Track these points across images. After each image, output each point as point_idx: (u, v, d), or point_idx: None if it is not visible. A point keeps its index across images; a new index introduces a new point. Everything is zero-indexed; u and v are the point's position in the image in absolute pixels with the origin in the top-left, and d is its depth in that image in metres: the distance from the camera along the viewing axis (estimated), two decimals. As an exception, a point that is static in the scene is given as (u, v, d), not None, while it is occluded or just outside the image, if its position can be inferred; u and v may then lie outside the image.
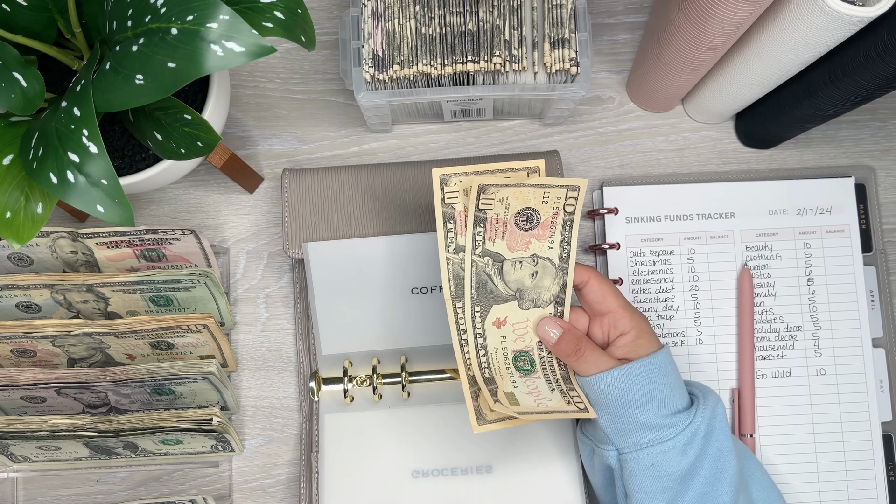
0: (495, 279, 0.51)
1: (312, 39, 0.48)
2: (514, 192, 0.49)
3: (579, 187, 0.50)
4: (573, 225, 0.51)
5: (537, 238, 0.51)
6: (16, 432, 0.56)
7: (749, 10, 0.48)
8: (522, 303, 0.52)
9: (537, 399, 0.51)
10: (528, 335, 0.52)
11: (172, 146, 0.49)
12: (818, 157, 0.68)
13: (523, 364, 0.52)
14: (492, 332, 0.51)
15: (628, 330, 0.52)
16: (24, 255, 0.59)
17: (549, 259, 0.52)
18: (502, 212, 0.49)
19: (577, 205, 0.50)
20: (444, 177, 0.49)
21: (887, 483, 0.63)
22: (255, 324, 0.66)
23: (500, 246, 0.50)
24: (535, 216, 0.50)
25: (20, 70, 0.46)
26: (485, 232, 0.50)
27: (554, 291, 0.52)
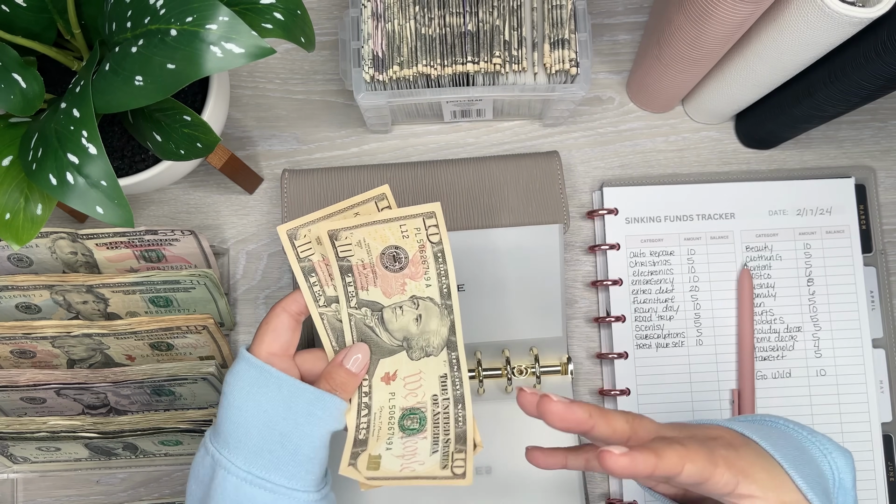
0: (378, 330, 0.47)
1: (312, 40, 0.48)
2: (368, 232, 0.45)
3: (434, 213, 0.45)
4: (445, 255, 0.46)
5: (412, 277, 0.47)
6: (15, 433, 0.56)
7: (749, 11, 0.48)
8: (412, 352, 0.47)
9: (405, 463, 0.46)
10: (420, 388, 0.47)
11: (172, 147, 0.49)
12: (818, 157, 0.68)
13: (411, 423, 0.47)
14: (379, 390, 0.47)
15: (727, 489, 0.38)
16: (24, 256, 0.59)
17: (430, 298, 0.47)
18: (365, 256, 0.46)
19: (441, 233, 0.46)
20: (291, 232, 0.46)
21: (887, 483, 0.63)
22: (254, 325, 0.66)
23: (374, 293, 0.46)
24: (401, 254, 0.46)
25: (19, 71, 0.46)
26: (355, 281, 0.46)
27: (443, 335, 0.47)
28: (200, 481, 0.46)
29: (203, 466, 0.46)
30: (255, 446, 0.45)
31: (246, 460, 0.45)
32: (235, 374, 0.46)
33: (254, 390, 0.45)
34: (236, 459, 0.45)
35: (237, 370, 0.46)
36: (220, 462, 0.45)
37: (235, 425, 0.45)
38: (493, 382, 0.62)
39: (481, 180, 0.63)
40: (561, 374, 0.63)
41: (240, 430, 0.45)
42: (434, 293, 0.47)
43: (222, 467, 0.45)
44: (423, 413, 0.47)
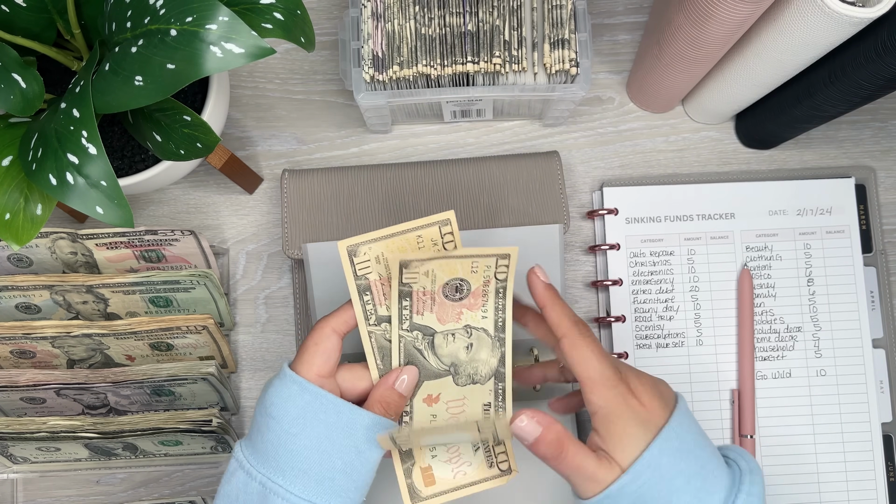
0: (426, 353, 0.47)
1: (312, 40, 0.48)
2: (439, 265, 0.45)
3: (509, 255, 0.45)
4: (507, 292, 0.47)
5: (469, 308, 0.47)
6: (15, 433, 0.56)
7: (749, 11, 0.48)
8: (458, 378, 0.47)
9: (455, 468, 0.48)
10: (462, 414, 0.48)
11: (172, 147, 0.49)
12: (818, 157, 0.68)
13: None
14: (421, 410, 0.47)
15: (595, 411, 0.43)
16: (24, 256, 0.59)
17: (484, 329, 0.47)
18: (429, 284, 0.46)
19: (510, 272, 0.46)
20: (351, 248, 0.45)
21: (887, 484, 0.63)
22: (254, 325, 0.66)
23: (429, 319, 0.46)
24: (464, 286, 0.46)
25: (19, 71, 0.46)
26: (411, 305, 0.46)
27: (492, 365, 0.48)
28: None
29: (247, 493, 0.44)
30: (317, 475, 0.44)
31: (306, 488, 0.43)
32: (286, 397, 0.44)
33: (309, 416, 0.44)
34: (295, 488, 0.43)
35: (289, 394, 0.44)
36: (274, 490, 0.43)
37: (291, 453, 0.44)
38: (493, 382, 0.62)
39: (481, 180, 0.63)
40: (561, 374, 0.63)
41: (297, 458, 0.44)
42: (489, 325, 0.47)
43: (278, 496, 0.43)
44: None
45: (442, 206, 0.63)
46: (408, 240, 0.46)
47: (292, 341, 0.66)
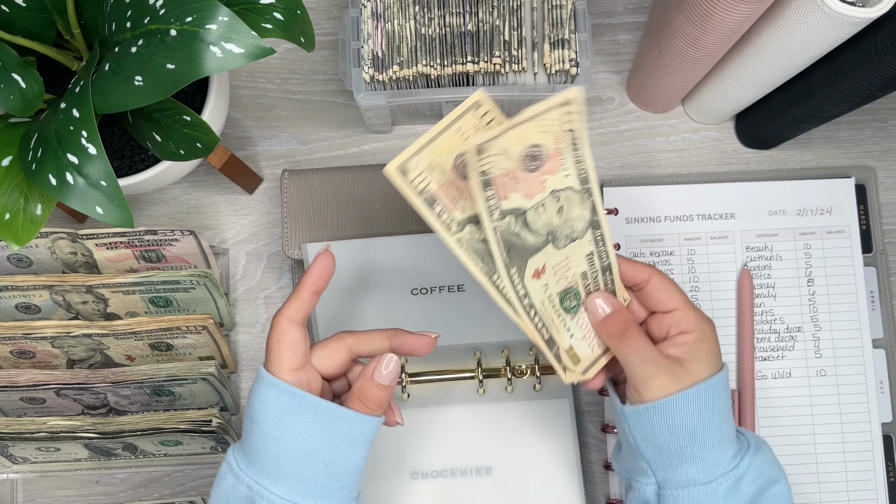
0: (523, 234, 0.44)
1: (312, 40, 0.48)
2: (511, 137, 0.42)
3: (572, 100, 0.42)
4: (582, 139, 0.44)
5: (550, 172, 0.44)
6: (15, 433, 0.56)
7: (749, 11, 0.48)
8: (558, 243, 0.46)
9: (591, 343, 0.48)
10: (570, 271, 0.47)
11: (172, 147, 0.49)
12: (818, 157, 0.68)
13: (570, 302, 0.47)
14: (534, 287, 0.46)
15: (692, 329, 0.46)
16: (24, 256, 0.59)
17: (570, 188, 0.45)
18: (506, 163, 0.42)
19: (579, 119, 0.43)
20: (400, 167, 0.43)
21: (887, 484, 0.63)
22: (254, 325, 0.66)
23: (516, 199, 0.44)
24: (539, 152, 0.43)
25: (19, 71, 0.46)
26: (496, 192, 0.43)
27: (586, 217, 0.46)
28: None
29: (235, 496, 0.45)
30: (299, 475, 0.44)
31: (290, 490, 0.44)
32: (264, 400, 0.44)
33: (288, 418, 0.44)
34: (279, 490, 0.44)
35: (266, 397, 0.44)
36: (259, 493, 0.44)
37: (274, 455, 0.44)
38: (493, 382, 0.62)
39: (481, 180, 0.63)
40: (561, 374, 0.62)
41: (280, 460, 0.44)
42: (573, 181, 0.45)
43: (264, 498, 0.44)
44: (576, 289, 0.48)
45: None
46: (450, 137, 0.44)
47: (292, 341, 0.66)
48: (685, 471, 0.46)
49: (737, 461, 0.46)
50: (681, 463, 0.46)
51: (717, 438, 0.46)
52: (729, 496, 0.45)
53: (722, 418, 0.46)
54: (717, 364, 0.47)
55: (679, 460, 0.46)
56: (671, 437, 0.45)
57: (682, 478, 0.46)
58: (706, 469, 0.45)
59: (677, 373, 0.46)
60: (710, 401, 0.45)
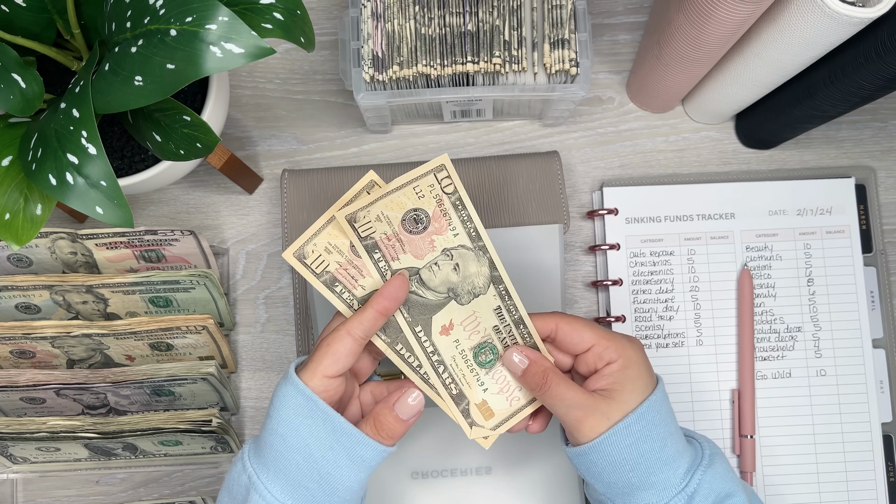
0: (420, 291, 0.47)
1: (312, 40, 0.48)
2: (385, 204, 0.46)
3: (444, 165, 0.46)
4: (464, 202, 0.47)
5: (438, 233, 0.47)
6: (15, 433, 0.56)
7: (749, 11, 0.48)
8: (460, 299, 0.48)
9: (509, 396, 0.49)
10: (480, 325, 0.48)
11: (172, 147, 0.49)
12: (818, 157, 0.68)
13: (486, 357, 0.49)
14: (442, 343, 0.48)
15: (615, 359, 0.46)
16: (24, 256, 0.59)
17: (461, 245, 0.47)
18: (387, 227, 0.46)
19: (455, 182, 0.46)
20: (297, 253, 0.46)
21: (887, 484, 0.63)
22: (254, 325, 0.66)
23: (406, 260, 0.47)
24: (421, 214, 0.46)
25: (19, 71, 0.46)
26: (383, 255, 0.46)
27: (485, 273, 0.48)
28: (234, 497, 0.46)
29: (239, 484, 0.45)
30: (294, 479, 0.44)
31: (283, 491, 0.44)
32: (282, 397, 0.44)
33: (297, 420, 0.44)
34: (273, 488, 0.44)
35: (284, 394, 0.44)
36: (255, 485, 0.44)
37: (277, 453, 0.44)
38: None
39: (481, 180, 0.63)
40: (561, 374, 0.63)
41: (281, 459, 0.44)
42: (463, 240, 0.47)
43: (257, 492, 0.44)
44: (490, 343, 0.49)
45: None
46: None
47: (292, 341, 0.66)
48: (638, 497, 0.46)
49: (687, 479, 0.46)
50: (632, 491, 0.46)
51: (661, 461, 0.45)
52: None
53: (664, 440, 0.46)
54: (649, 385, 0.47)
55: (630, 489, 0.46)
56: (614, 472, 0.46)
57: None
58: (657, 493, 0.45)
59: (604, 409, 0.45)
60: (645, 428, 0.45)
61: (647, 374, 0.47)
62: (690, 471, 0.46)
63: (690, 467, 0.46)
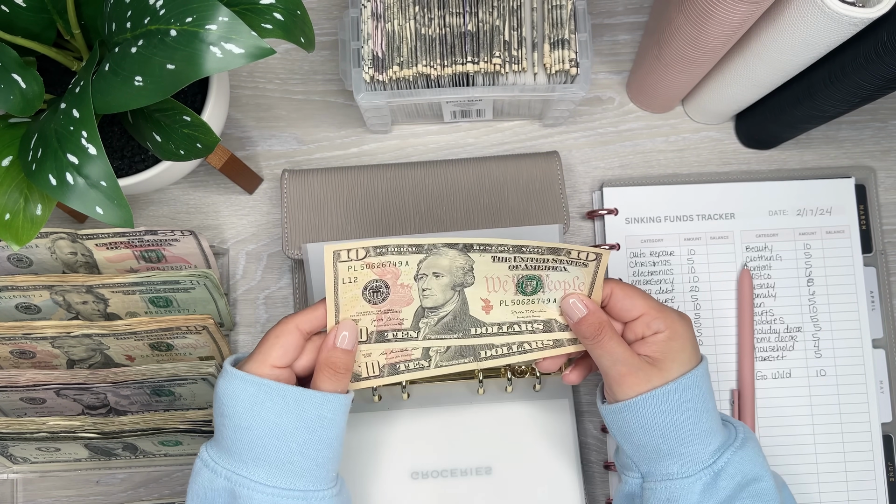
0: (441, 313, 0.48)
1: (312, 40, 0.48)
2: (346, 307, 0.46)
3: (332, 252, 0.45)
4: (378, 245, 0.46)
5: (395, 277, 0.47)
6: (15, 433, 0.56)
7: (749, 11, 0.48)
8: (467, 283, 0.48)
9: (572, 287, 0.50)
10: (502, 277, 0.49)
11: (172, 147, 0.49)
12: (818, 157, 0.68)
13: (530, 285, 0.49)
14: (496, 314, 0.49)
15: (662, 329, 0.48)
16: (24, 257, 0.59)
17: (418, 262, 0.47)
18: (369, 317, 0.47)
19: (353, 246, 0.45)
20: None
21: (887, 484, 0.63)
22: (254, 325, 0.66)
23: (407, 312, 0.48)
24: (371, 286, 0.47)
25: (19, 71, 0.46)
26: (391, 331, 0.48)
27: (453, 255, 0.47)
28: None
29: (213, 490, 0.45)
30: (275, 460, 0.45)
31: (269, 475, 0.45)
32: (231, 394, 0.45)
33: (257, 408, 0.44)
34: (258, 476, 0.45)
35: (233, 390, 0.45)
36: (239, 482, 0.45)
37: (249, 445, 0.45)
38: (493, 382, 0.62)
39: (481, 180, 0.63)
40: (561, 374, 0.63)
41: (255, 448, 0.44)
42: (414, 259, 0.47)
43: (245, 486, 0.44)
44: (521, 277, 0.49)
45: (442, 206, 0.63)
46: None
47: (292, 341, 0.66)
48: (664, 465, 0.47)
49: (716, 457, 0.47)
50: (659, 458, 0.47)
51: (693, 434, 0.47)
52: (707, 490, 0.47)
53: (699, 414, 0.47)
54: (693, 360, 0.48)
55: (657, 456, 0.47)
56: (646, 435, 0.47)
57: (661, 472, 0.47)
58: (684, 464, 0.47)
59: (648, 372, 0.47)
60: (683, 399, 0.46)
61: (691, 349, 0.48)
62: (721, 449, 0.47)
63: (721, 446, 0.47)
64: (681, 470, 0.47)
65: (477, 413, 0.61)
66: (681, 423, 0.46)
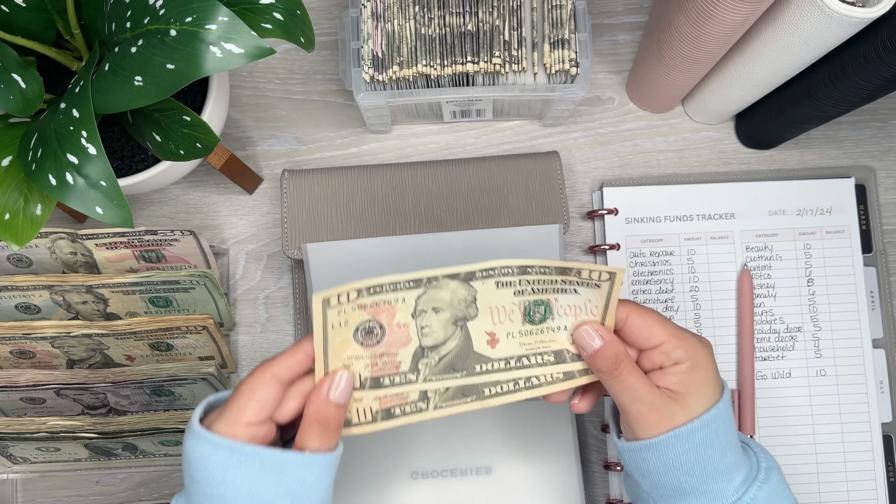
0: (443, 350, 0.44)
1: (311, 40, 0.48)
2: (337, 351, 0.42)
3: (321, 300, 0.41)
4: (371, 285, 0.42)
5: (391, 315, 0.43)
6: (15, 433, 0.56)
7: (749, 11, 0.48)
8: (469, 316, 0.44)
9: (583, 314, 0.45)
10: (507, 307, 0.44)
11: (171, 147, 0.49)
12: (818, 157, 0.68)
13: (538, 313, 0.45)
14: (503, 348, 0.45)
15: (683, 360, 0.44)
16: (24, 257, 0.59)
17: (416, 298, 0.43)
18: (363, 361, 0.42)
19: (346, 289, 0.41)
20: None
21: (887, 484, 0.63)
22: (254, 325, 0.66)
23: (405, 354, 0.43)
24: (364, 327, 0.42)
25: (19, 71, 0.46)
26: (388, 376, 0.43)
27: (453, 287, 0.43)
28: None
29: None
30: None
31: None
32: (202, 458, 0.39)
33: (230, 475, 0.39)
34: None
35: (203, 454, 0.39)
36: None
37: None
38: (492, 383, 0.62)
39: (481, 180, 0.63)
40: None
41: None
42: (411, 296, 0.43)
43: None
44: (527, 304, 0.45)
45: (442, 206, 0.63)
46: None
47: (291, 341, 0.66)
48: (684, 502, 0.44)
49: (741, 492, 0.44)
50: (680, 496, 0.44)
51: (718, 471, 0.44)
52: None
53: (724, 450, 0.44)
54: (716, 391, 0.44)
55: (679, 493, 0.44)
56: (667, 474, 0.44)
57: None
58: (708, 502, 0.44)
59: (671, 409, 0.43)
60: (708, 436, 0.43)
61: (714, 379, 0.44)
62: (745, 483, 0.44)
63: (745, 480, 0.44)
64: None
65: (477, 413, 0.61)
66: (705, 460, 0.43)
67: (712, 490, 0.43)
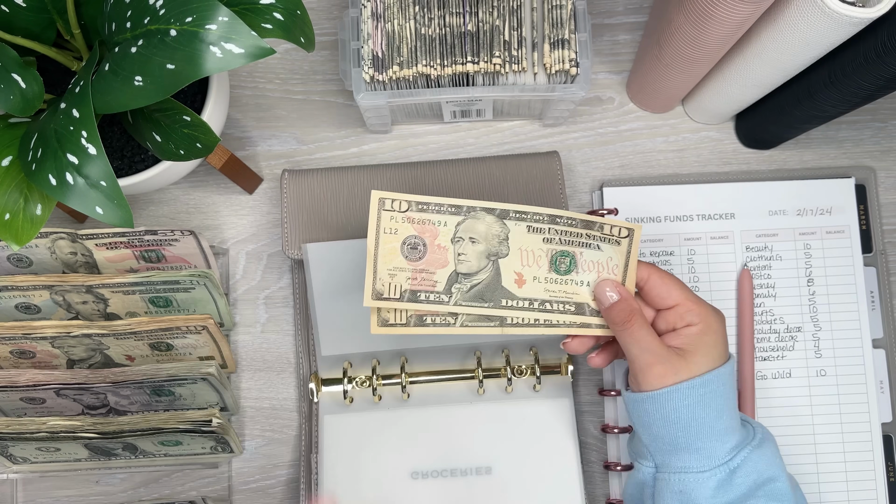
0: (474, 280, 0.49)
1: (312, 40, 0.48)
2: (384, 262, 0.48)
3: (378, 198, 0.47)
4: (421, 201, 0.48)
5: (434, 237, 0.49)
6: (15, 433, 0.56)
7: (749, 11, 0.48)
8: (501, 254, 0.49)
9: (605, 271, 0.50)
10: (536, 252, 0.50)
11: (171, 147, 0.49)
12: (818, 157, 0.68)
13: (564, 264, 0.50)
14: (527, 290, 0.50)
15: (695, 322, 0.48)
16: (24, 257, 0.59)
17: (456, 224, 0.48)
18: (404, 274, 0.48)
19: (398, 196, 0.48)
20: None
21: (887, 484, 0.63)
22: (254, 325, 0.66)
23: (441, 275, 0.49)
24: (409, 241, 0.48)
25: (19, 71, 0.46)
26: (423, 292, 0.48)
27: (489, 221, 0.49)
28: None
29: None
30: None
31: None
32: None
33: None
34: None
35: None
36: None
37: None
38: (493, 382, 0.62)
39: (481, 180, 0.63)
40: (561, 374, 0.63)
41: None
42: (453, 221, 0.48)
43: None
44: (554, 253, 0.50)
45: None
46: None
47: (292, 341, 0.66)
48: (680, 458, 0.47)
49: (733, 454, 0.47)
50: (676, 451, 0.47)
51: (713, 430, 0.47)
52: (721, 487, 0.47)
53: (721, 411, 0.47)
54: (722, 356, 0.48)
55: (674, 448, 0.47)
56: (666, 427, 0.47)
57: (676, 464, 0.48)
58: (700, 459, 0.47)
59: (676, 364, 0.47)
60: (707, 394, 0.46)
61: (722, 345, 0.48)
62: (738, 447, 0.47)
63: (739, 444, 0.48)
64: (696, 465, 0.47)
65: (477, 413, 0.61)
66: (702, 418, 0.47)
67: (706, 448, 0.47)
